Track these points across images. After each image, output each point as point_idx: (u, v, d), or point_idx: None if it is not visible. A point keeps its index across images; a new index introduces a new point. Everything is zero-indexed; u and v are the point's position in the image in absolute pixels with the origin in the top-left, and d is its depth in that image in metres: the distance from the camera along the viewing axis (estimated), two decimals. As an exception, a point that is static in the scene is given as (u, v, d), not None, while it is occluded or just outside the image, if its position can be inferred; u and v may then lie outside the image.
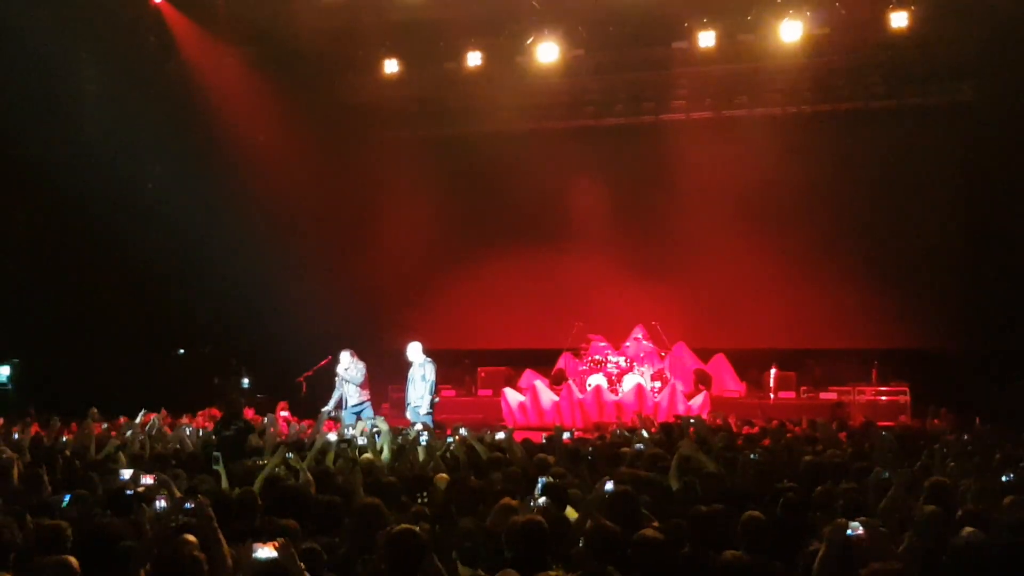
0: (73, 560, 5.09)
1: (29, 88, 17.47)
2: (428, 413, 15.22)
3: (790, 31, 17.60)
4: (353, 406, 15.28)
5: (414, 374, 15.31)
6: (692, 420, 12.19)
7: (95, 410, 12.26)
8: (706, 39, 18.21)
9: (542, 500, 6.64)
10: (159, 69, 18.96)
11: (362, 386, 15.42)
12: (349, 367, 15.44)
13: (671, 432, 11.60)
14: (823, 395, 18.81)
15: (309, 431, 11.61)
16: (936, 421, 14.19)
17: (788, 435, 10.52)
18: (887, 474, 7.53)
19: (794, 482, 7.65)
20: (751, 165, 19.69)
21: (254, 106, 19.20)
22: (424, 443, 9.49)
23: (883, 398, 18.40)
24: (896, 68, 18.83)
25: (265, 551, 4.79)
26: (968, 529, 5.82)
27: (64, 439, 11.19)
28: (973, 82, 18.73)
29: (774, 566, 5.89)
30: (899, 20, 17.19)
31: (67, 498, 6.69)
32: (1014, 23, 16.67)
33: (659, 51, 19.51)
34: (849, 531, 5.19)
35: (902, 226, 19.64)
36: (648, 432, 11.61)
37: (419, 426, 11.90)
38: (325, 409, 14.04)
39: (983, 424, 13.13)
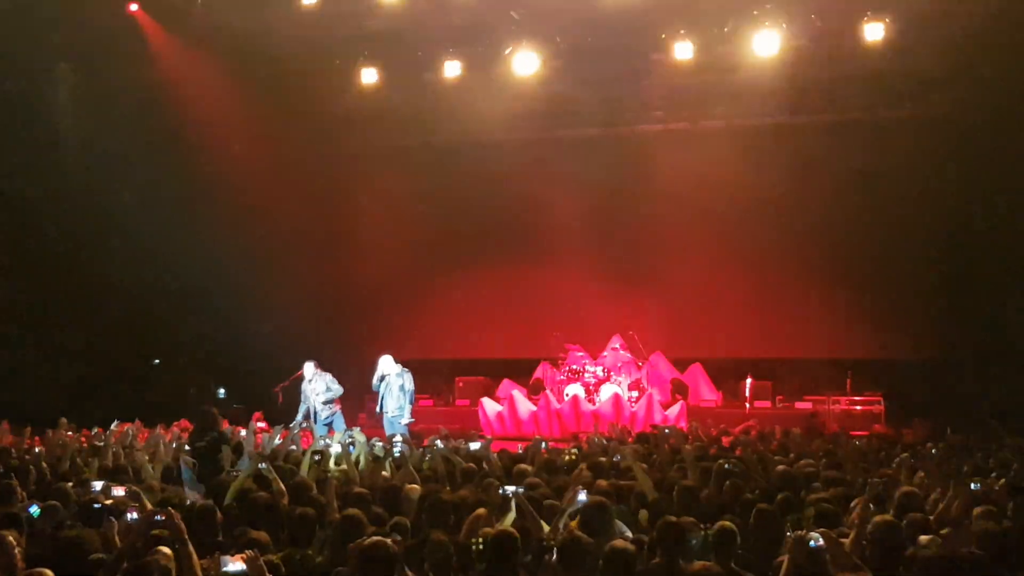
0: (49, 573, 5.07)
1: (3, 96, 17.39)
2: (409, 423, 15.26)
3: (766, 43, 17.68)
4: (324, 418, 15.28)
5: (390, 384, 15.30)
6: (668, 430, 12.23)
7: (64, 420, 12.18)
8: (683, 50, 18.28)
9: (511, 489, 6.71)
10: (135, 78, 18.90)
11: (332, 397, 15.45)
12: (313, 379, 15.45)
13: (647, 442, 11.64)
14: (798, 404, 18.89)
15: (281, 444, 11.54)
16: (909, 431, 14.27)
17: (760, 447, 10.56)
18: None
19: (767, 492, 7.70)
20: (728, 176, 19.73)
21: (231, 116, 19.15)
22: (397, 454, 9.46)
23: (857, 407, 18.54)
24: (871, 80, 18.94)
25: (234, 564, 4.79)
26: (924, 538, 5.88)
27: (37, 450, 11.11)
28: (948, 94, 18.84)
29: (744, 576, 5.93)
30: (874, 32, 17.30)
31: (33, 508, 6.66)
32: (989, 36, 16.81)
33: (637, 62, 19.55)
34: (812, 543, 5.23)
35: (877, 237, 19.73)
36: (624, 442, 11.65)
37: (397, 437, 11.92)
38: (294, 424, 14.00)
39: (954, 434, 13.24)
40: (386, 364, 15.71)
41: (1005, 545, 5.84)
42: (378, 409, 15.92)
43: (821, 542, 5.22)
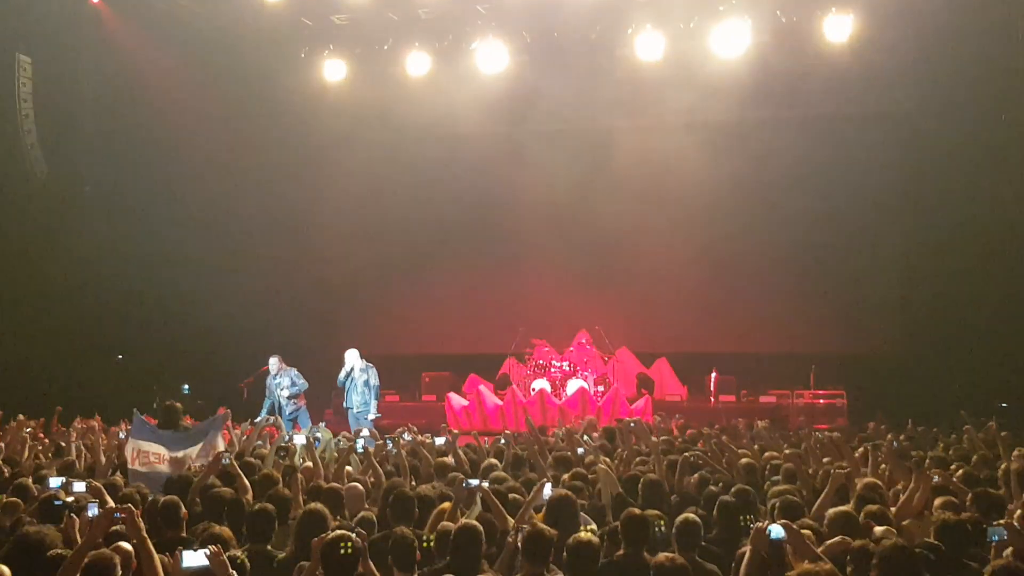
0: (5, 569, 5.03)
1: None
2: (375, 418, 15.22)
3: (731, 38, 17.80)
4: (289, 413, 15.21)
5: (355, 380, 15.26)
6: (632, 423, 12.24)
7: (22, 416, 12.03)
8: (650, 46, 18.34)
9: (475, 483, 6.73)
10: (98, 69, 18.71)
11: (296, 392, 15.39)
12: (278, 374, 15.38)
13: (613, 436, 11.66)
14: (763, 399, 19.01)
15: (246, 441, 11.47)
16: (872, 424, 14.39)
17: (724, 438, 10.61)
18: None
19: (731, 485, 7.73)
20: (692, 171, 19.79)
21: (196, 108, 19.00)
22: (360, 450, 9.42)
23: (821, 401, 18.68)
24: (835, 75, 19.05)
25: (196, 558, 4.76)
26: (879, 529, 5.93)
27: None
28: (911, 91, 19.01)
29: (707, 568, 5.96)
30: (838, 28, 17.47)
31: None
32: (951, 33, 16.98)
33: (602, 57, 19.59)
34: (773, 534, 5.27)
35: (840, 232, 19.87)
36: (591, 436, 11.69)
37: (364, 431, 11.90)
38: (259, 420, 13.93)
39: (915, 427, 13.37)
40: (351, 358, 15.66)
41: (964, 536, 5.90)
42: (344, 404, 15.87)
43: (782, 533, 5.25)
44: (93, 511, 5.96)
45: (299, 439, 10.20)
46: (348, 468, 9.13)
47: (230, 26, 17.85)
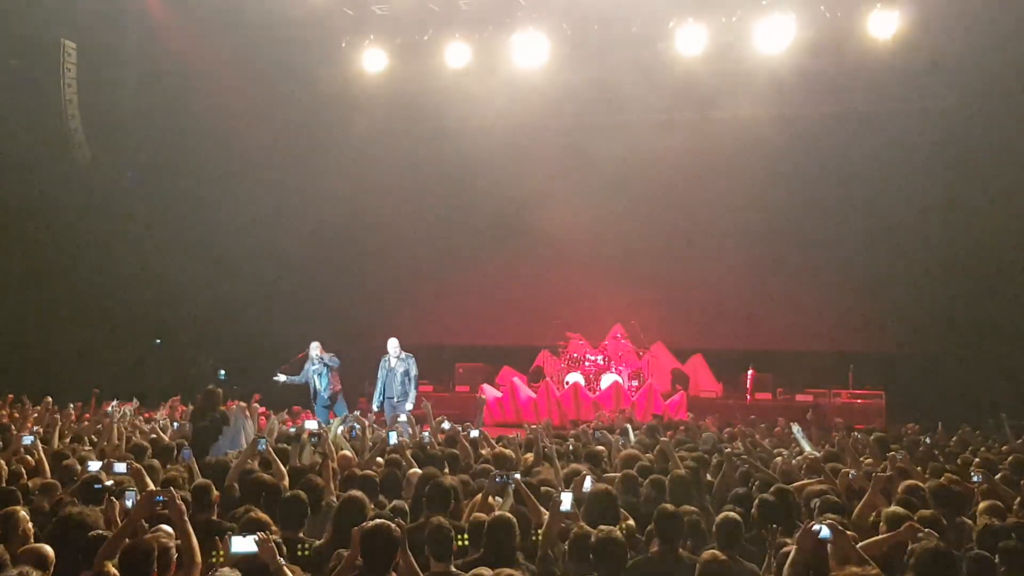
0: (48, 549, 5.06)
1: (8, 71, 17.34)
2: (411, 408, 15.22)
3: (774, 33, 17.63)
4: (326, 400, 15.26)
5: (394, 369, 15.28)
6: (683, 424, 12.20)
7: (49, 398, 12.15)
8: (691, 40, 18.20)
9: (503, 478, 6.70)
10: (142, 55, 18.85)
11: (333, 379, 15.40)
12: (317, 360, 15.43)
13: (656, 433, 11.57)
14: (799, 397, 18.83)
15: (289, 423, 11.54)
16: (910, 424, 14.24)
17: (757, 436, 10.55)
18: (852, 474, 7.62)
19: (769, 483, 7.67)
20: (733, 167, 19.72)
21: (237, 96, 19.10)
22: (393, 441, 9.39)
23: (859, 401, 18.48)
24: (879, 73, 18.86)
25: (244, 543, 4.76)
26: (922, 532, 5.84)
27: (35, 429, 11.07)
28: (955, 88, 18.80)
29: (748, 567, 5.90)
30: (883, 24, 17.26)
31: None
32: (996, 30, 16.75)
33: (644, 51, 19.46)
34: (822, 534, 5.18)
35: (881, 230, 19.69)
36: (633, 429, 11.62)
37: (401, 417, 11.93)
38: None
39: (956, 428, 13.20)
40: (392, 347, 15.69)
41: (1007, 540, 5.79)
42: (378, 395, 15.86)
43: (830, 533, 5.16)
44: (131, 498, 5.99)
45: (334, 430, 10.22)
46: (380, 460, 9.11)
47: (272, 14, 17.87)
